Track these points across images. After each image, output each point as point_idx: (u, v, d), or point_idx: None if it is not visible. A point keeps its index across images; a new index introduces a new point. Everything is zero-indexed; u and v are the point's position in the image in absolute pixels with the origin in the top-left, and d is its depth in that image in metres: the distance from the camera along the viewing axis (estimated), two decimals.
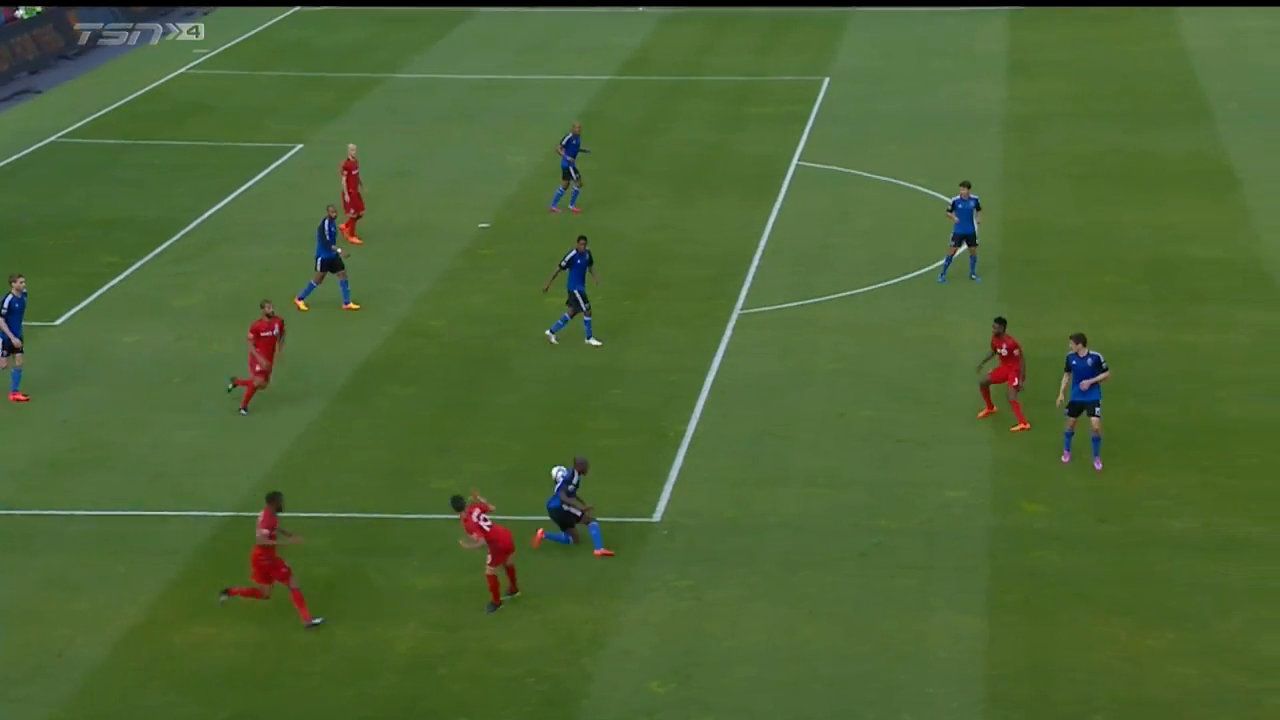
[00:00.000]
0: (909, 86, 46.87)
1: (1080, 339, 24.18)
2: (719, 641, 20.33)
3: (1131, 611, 20.74)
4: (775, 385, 27.43)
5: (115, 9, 55.88)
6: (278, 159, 40.82)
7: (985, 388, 25.79)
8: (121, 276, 32.89)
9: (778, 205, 36.61)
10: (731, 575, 21.74)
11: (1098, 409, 24.01)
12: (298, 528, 23.15)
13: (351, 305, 30.66)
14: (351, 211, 33.97)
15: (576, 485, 22.55)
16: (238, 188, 38.52)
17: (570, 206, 35.75)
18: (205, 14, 57.95)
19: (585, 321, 28.82)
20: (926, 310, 30.29)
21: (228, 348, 29.29)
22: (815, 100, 45.42)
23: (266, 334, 26.41)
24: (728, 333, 29.65)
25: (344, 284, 30.69)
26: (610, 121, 43.98)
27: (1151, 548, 22.23)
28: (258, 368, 26.38)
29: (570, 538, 22.42)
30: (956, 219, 31.17)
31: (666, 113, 45.04)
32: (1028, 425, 25.15)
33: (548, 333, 28.81)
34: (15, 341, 26.78)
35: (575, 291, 28.64)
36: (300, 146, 41.90)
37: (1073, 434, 24.25)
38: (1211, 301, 30.39)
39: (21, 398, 26.91)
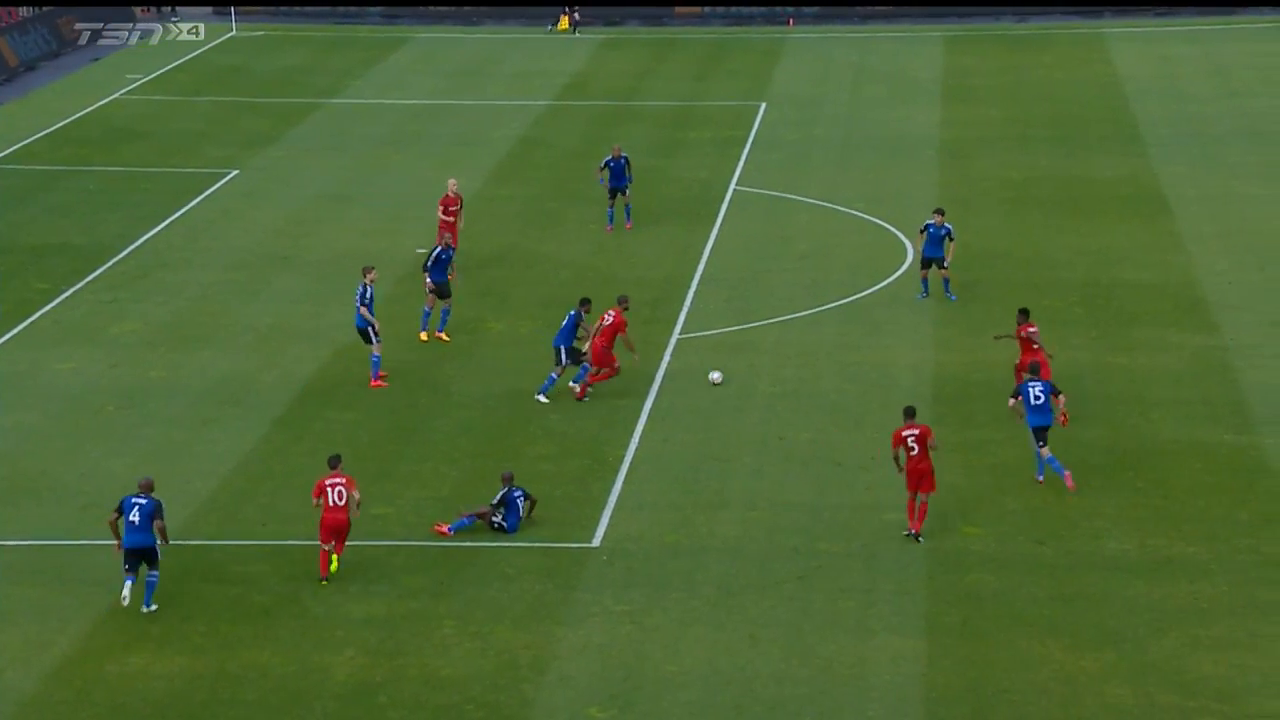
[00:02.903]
0: (845, 112, 47.22)
1: (1035, 369, 24.33)
2: (659, 666, 20.33)
3: (1067, 632, 20.90)
4: (714, 409, 27.50)
5: (52, 38, 55.45)
6: (213, 185, 40.60)
7: (1018, 372, 26.08)
8: (54, 303, 32.58)
9: (716, 230, 36.76)
10: (671, 599, 21.75)
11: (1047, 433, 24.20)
12: (236, 555, 22.98)
13: (442, 335, 30.25)
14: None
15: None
16: (172, 214, 38.27)
17: (625, 223, 35.61)
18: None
19: (551, 377, 27.79)
20: (864, 334, 30.47)
21: (163, 374, 29.07)
22: (752, 126, 45.67)
23: None
24: (666, 357, 29.71)
25: (445, 312, 30.33)
26: (549, 146, 44.04)
27: (1087, 569, 22.42)
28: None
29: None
30: (925, 240, 31.46)
31: (604, 138, 45.10)
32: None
33: (538, 395, 27.71)
34: None
35: (561, 348, 27.80)
36: (236, 172, 41.69)
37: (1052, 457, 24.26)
38: (1145, 324, 30.74)
39: None
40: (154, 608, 21.40)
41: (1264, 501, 24.07)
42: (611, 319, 27.73)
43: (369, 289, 28.23)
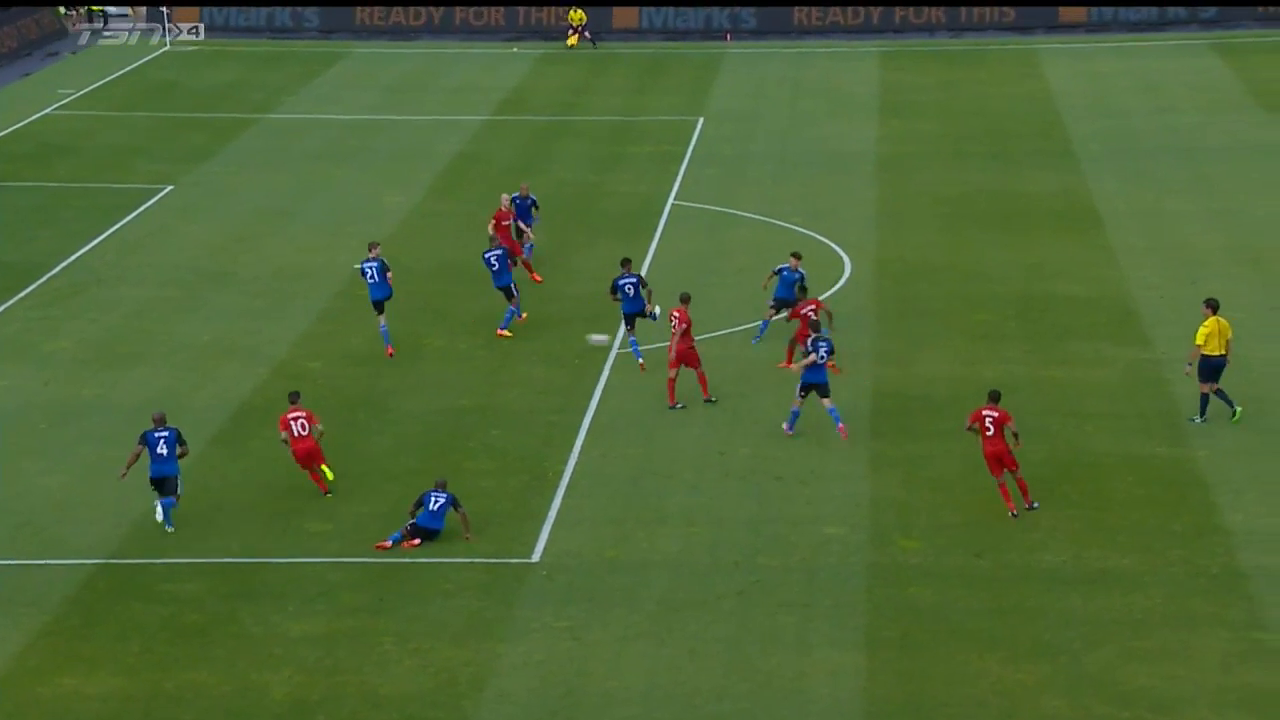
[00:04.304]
0: (782, 126, 47.43)
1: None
2: (599, 682, 20.28)
3: (1004, 645, 21.03)
4: (654, 424, 27.50)
5: None
6: (147, 200, 40.25)
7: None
8: None
9: (654, 244, 36.80)
10: (611, 615, 21.71)
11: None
12: (171, 573, 22.75)
13: (505, 332, 30.95)
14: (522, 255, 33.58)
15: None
16: (106, 230, 37.91)
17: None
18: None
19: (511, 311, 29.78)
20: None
21: (97, 391, 28.77)
22: (690, 140, 45.79)
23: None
24: (606, 372, 29.69)
25: (512, 312, 30.99)
26: (487, 161, 43.97)
27: (1024, 582, 22.56)
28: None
29: None
30: (778, 282, 30.37)
31: (542, 152, 45.13)
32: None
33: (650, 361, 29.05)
34: None
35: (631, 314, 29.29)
36: (170, 188, 41.37)
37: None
38: (1080, 338, 31.02)
39: None
40: (173, 528, 23.37)
41: (1197, 513, 24.32)
42: (680, 319, 27.67)
43: (381, 261, 29.91)
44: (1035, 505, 24.17)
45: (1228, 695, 19.88)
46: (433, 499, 23.37)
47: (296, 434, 24.36)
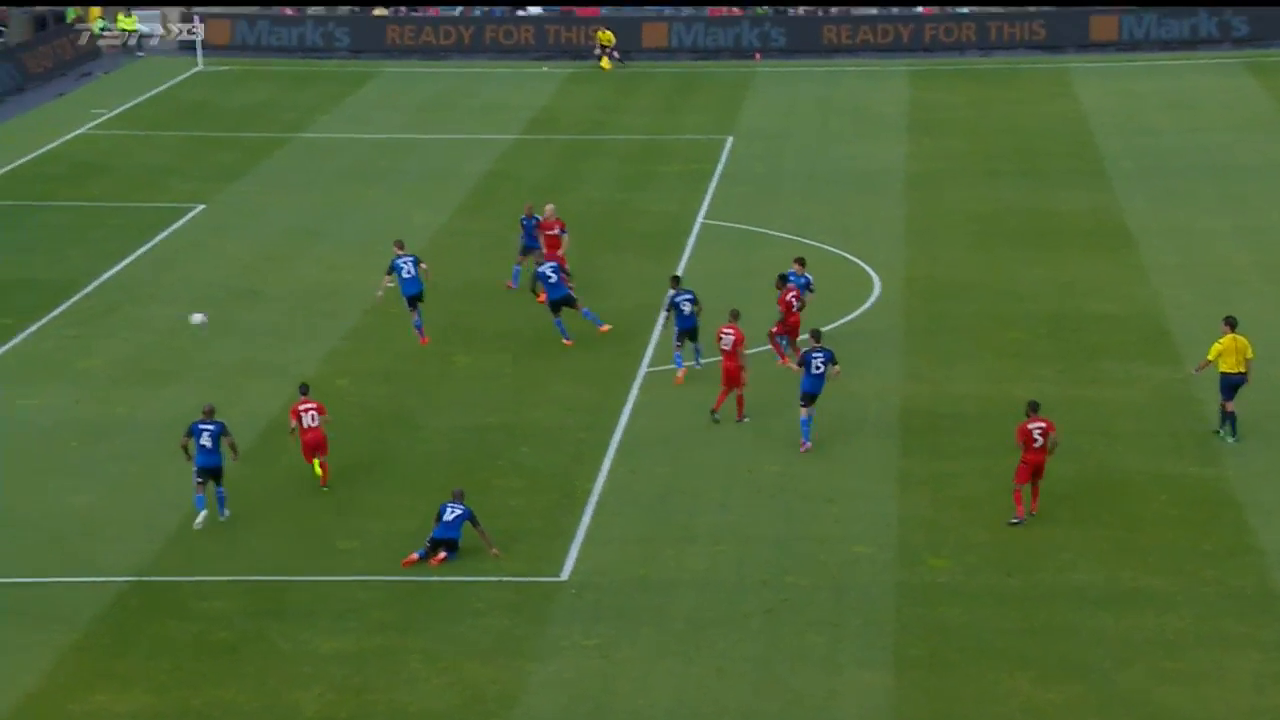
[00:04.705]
0: (811, 145, 47.45)
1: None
2: (628, 700, 20.28)
3: (1035, 665, 20.94)
4: (682, 442, 27.51)
5: (15, 73, 55.33)
6: (179, 219, 40.50)
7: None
8: (18, 339, 32.41)
9: (683, 263, 36.83)
10: (640, 633, 21.71)
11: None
12: (201, 591, 22.85)
13: (568, 341, 31.20)
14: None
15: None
16: (139, 249, 38.14)
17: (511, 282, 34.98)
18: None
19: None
20: (841, 368, 30.51)
21: (128, 410, 28.93)
22: (719, 159, 45.85)
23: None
24: (634, 390, 29.72)
25: (586, 312, 31.42)
26: (516, 180, 44.11)
27: (1054, 601, 22.47)
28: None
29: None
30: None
31: (572, 171, 45.26)
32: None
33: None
34: None
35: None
36: (203, 207, 41.62)
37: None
38: (1111, 357, 30.91)
39: None
40: (228, 513, 24.33)
41: (1228, 533, 24.19)
42: (733, 336, 27.77)
43: (411, 258, 31.01)
44: (1033, 514, 24.20)
45: (1261, 717, 19.76)
46: (449, 510, 23.44)
47: (306, 425, 25.24)
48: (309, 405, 25.43)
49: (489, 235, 38.98)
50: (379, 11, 63.57)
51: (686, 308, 29.83)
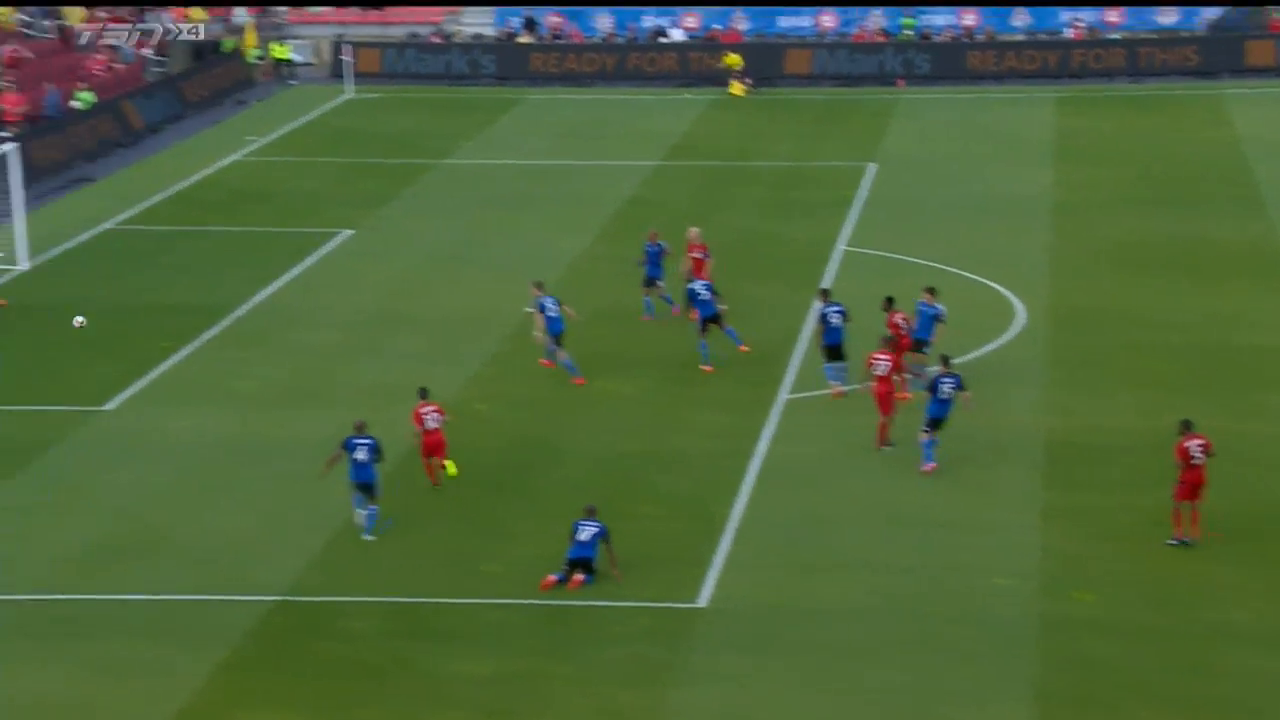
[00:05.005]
0: (956, 172, 47.10)
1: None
2: None
3: (1184, 703, 20.55)
4: (823, 470, 27.45)
5: (175, 101, 56.90)
6: (328, 244, 41.33)
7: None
8: (174, 361, 33.26)
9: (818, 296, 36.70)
10: (780, 663, 21.69)
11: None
12: (348, 611, 23.25)
13: (707, 367, 31.52)
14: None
15: None
16: (289, 273, 38.98)
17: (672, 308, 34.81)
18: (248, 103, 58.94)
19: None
20: (974, 395, 30.25)
21: (280, 431, 29.56)
22: (862, 186, 45.70)
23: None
24: (774, 417, 29.72)
25: (729, 331, 31.90)
26: (658, 207, 44.36)
27: (1205, 639, 22.04)
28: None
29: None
30: (918, 319, 30.39)
31: (714, 198, 45.40)
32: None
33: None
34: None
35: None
36: (351, 232, 42.42)
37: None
38: (1267, 389, 30.25)
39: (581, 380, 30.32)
40: (373, 537, 24.81)
41: None
42: (888, 362, 27.88)
43: (549, 299, 31.24)
44: (1196, 541, 23.73)
45: None
46: (583, 529, 23.62)
47: (428, 427, 26.29)
48: (429, 408, 26.43)
49: (630, 261, 39.21)
50: (524, 39, 64.38)
51: (835, 319, 29.84)
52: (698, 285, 32.20)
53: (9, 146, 39.87)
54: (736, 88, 59.18)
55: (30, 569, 24.19)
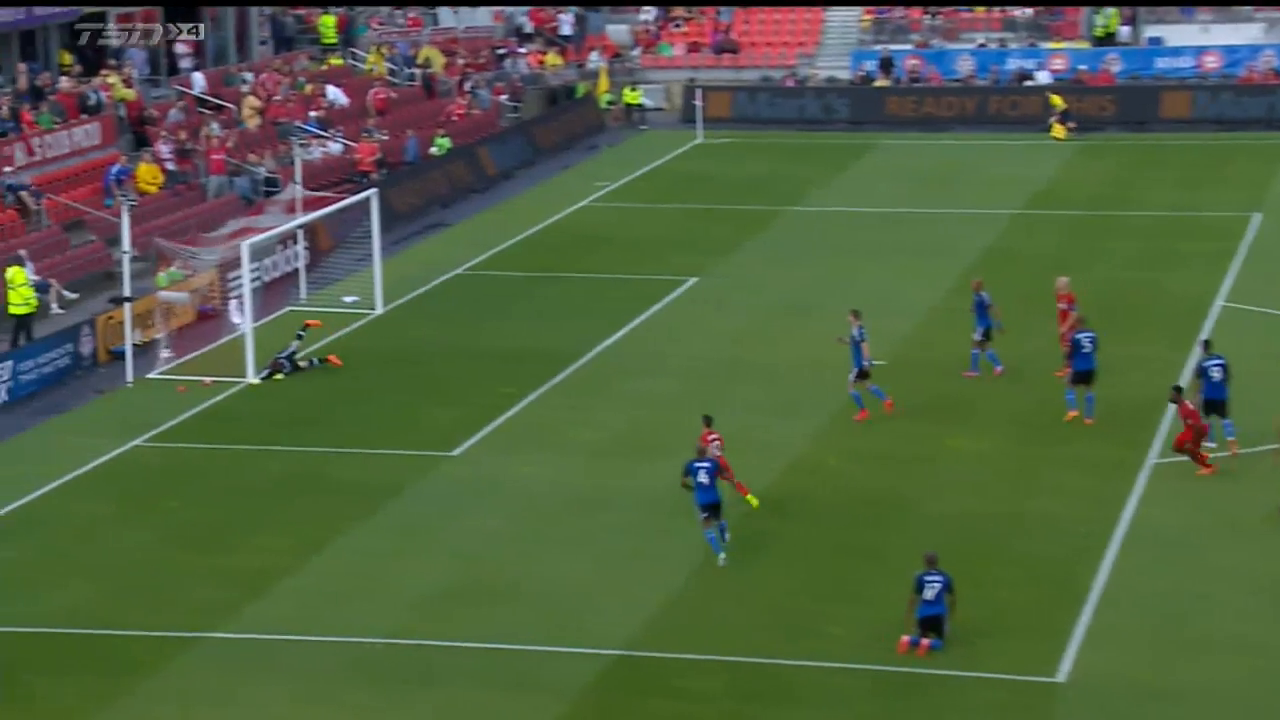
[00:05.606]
0: None
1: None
2: None
3: None
4: (1196, 539, 26.26)
5: (527, 146, 58.88)
6: (674, 291, 41.89)
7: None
8: (519, 407, 34.16)
9: (1197, 349, 35.26)
10: None
11: None
12: (688, 669, 23.31)
13: (1088, 419, 31.12)
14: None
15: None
16: (633, 320, 39.63)
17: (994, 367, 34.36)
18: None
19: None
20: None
21: (619, 481, 29.99)
22: (1245, 237, 43.77)
23: None
24: (1141, 481, 28.62)
25: (1090, 399, 31.37)
26: (1017, 257, 43.47)
27: None
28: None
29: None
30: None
31: (1078, 248, 44.22)
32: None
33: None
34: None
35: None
36: (696, 279, 42.91)
37: None
38: None
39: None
40: (725, 557, 25.90)
41: None
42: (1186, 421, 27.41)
43: (861, 330, 31.79)
44: None
45: None
46: (928, 585, 23.08)
47: (712, 455, 26.94)
48: (714, 436, 27.46)
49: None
50: (880, 82, 64.23)
51: (1216, 374, 28.64)
52: (1083, 336, 31.30)
53: (369, 193, 41.86)
54: (1058, 130, 57.73)
55: (378, 612, 25.09)
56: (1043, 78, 62.98)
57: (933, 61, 65.03)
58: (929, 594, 23.11)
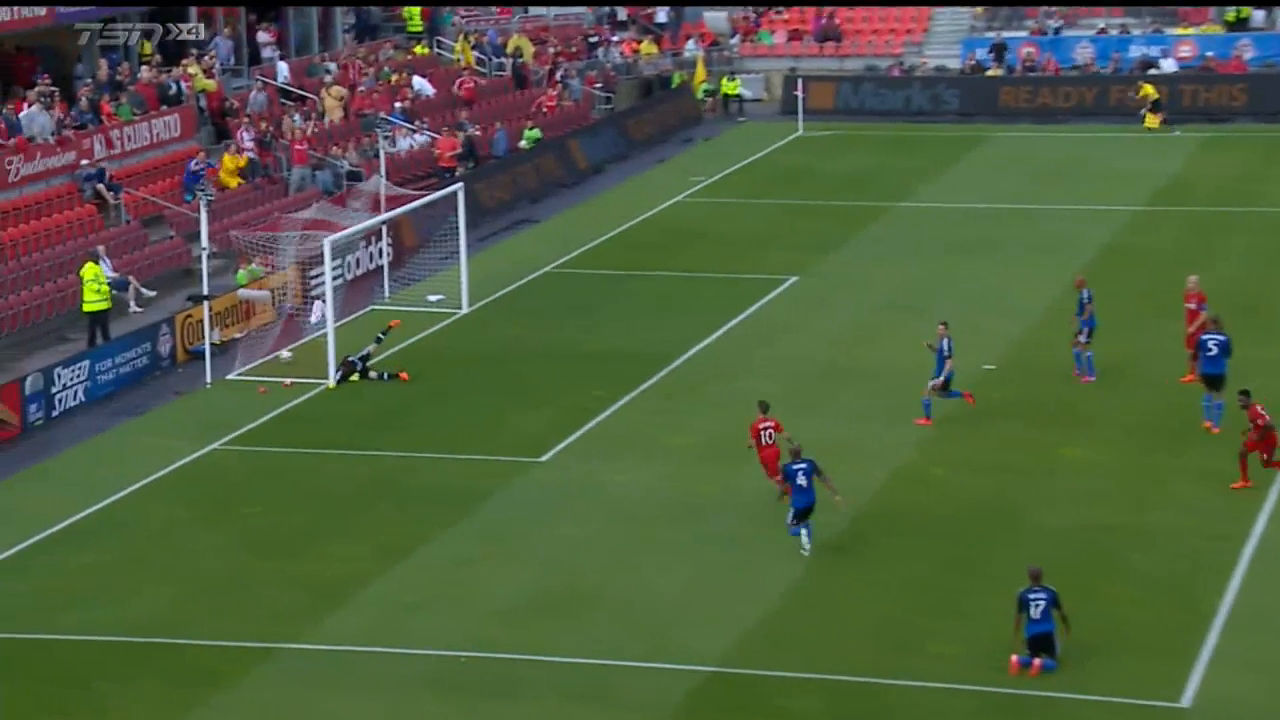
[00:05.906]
0: None
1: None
2: None
3: None
4: None
5: (620, 139, 58.80)
6: (773, 290, 41.60)
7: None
8: (610, 411, 34.02)
9: None
10: None
11: None
12: (784, 688, 23.06)
13: (1214, 429, 30.58)
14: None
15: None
16: (729, 321, 39.38)
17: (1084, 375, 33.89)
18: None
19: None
20: None
21: (713, 488, 29.78)
22: None
23: None
24: (1273, 495, 28.01)
25: (1219, 406, 30.73)
26: (1137, 255, 42.82)
27: None
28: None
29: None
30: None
31: (1202, 246, 43.47)
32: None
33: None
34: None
35: None
36: (796, 278, 42.60)
37: None
38: None
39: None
40: (810, 547, 26.47)
41: None
42: None
43: (949, 343, 31.48)
44: None
45: None
46: (1033, 602, 22.64)
47: (764, 442, 28.04)
48: (767, 423, 28.21)
49: (1107, 313, 37.88)
50: (993, 71, 63.55)
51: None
52: (1209, 339, 30.72)
53: (455, 188, 41.91)
54: (1151, 120, 56.85)
55: (462, 623, 25.04)
56: (1167, 66, 62.00)
57: (1049, 49, 64.20)
58: (1034, 611, 22.69)
